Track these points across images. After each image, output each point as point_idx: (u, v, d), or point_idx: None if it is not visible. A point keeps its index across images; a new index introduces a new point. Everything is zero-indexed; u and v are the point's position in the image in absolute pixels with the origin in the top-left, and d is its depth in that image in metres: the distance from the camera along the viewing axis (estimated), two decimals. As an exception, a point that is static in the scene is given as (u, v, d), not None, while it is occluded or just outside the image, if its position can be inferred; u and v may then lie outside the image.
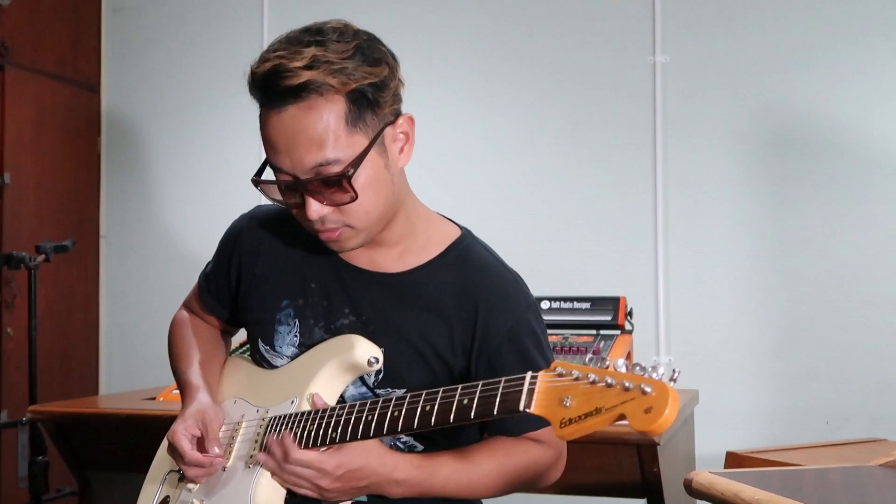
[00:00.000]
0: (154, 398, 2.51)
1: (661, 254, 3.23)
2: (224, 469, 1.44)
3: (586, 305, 2.76)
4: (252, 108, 1.36)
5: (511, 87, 3.43)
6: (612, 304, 2.75)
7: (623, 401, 1.02)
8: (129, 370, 3.84)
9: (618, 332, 2.71)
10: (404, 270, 1.45)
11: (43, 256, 2.93)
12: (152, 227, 3.87)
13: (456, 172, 3.39)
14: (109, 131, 3.98)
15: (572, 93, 3.36)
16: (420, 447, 1.45)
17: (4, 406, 3.41)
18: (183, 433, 1.43)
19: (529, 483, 1.44)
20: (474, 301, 1.41)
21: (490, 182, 3.42)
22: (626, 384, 1.03)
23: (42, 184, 3.65)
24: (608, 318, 2.73)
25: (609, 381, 1.04)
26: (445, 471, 1.37)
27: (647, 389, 1.01)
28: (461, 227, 1.51)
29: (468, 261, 1.45)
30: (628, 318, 2.77)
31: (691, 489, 1.29)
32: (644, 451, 1.95)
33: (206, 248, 3.95)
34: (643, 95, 3.28)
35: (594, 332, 2.72)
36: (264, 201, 1.48)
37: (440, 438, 1.45)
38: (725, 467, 2.22)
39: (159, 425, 2.16)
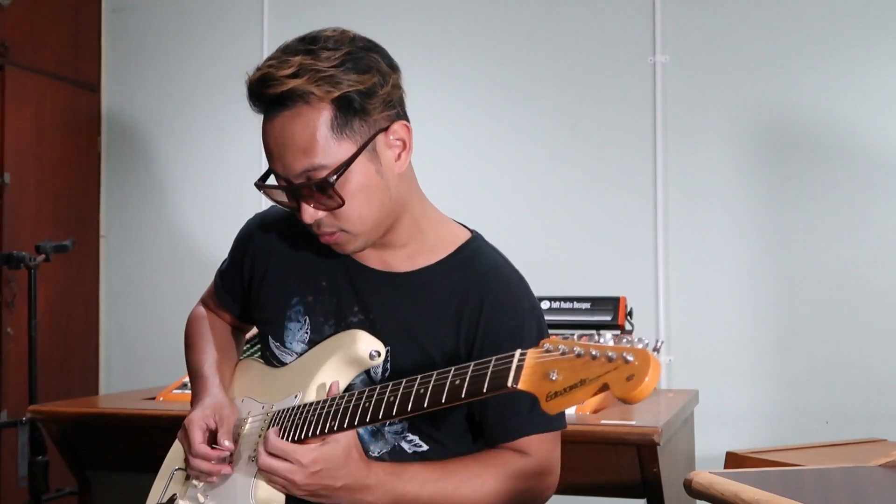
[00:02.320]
0: (154, 398, 2.51)
1: (661, 254, 3.23)
2: (230, 465, 1.45)
3: (586, 305, 2.77)
4: (251, 109, 1.37)
5: (511, 87, 3.43)
6: (612, 304, 2.75)
7: (606, 371, 1.04)
8: (129, 370, 3.84)
9: (618, 332, 2.72)
10: (413, 270, 1.46)
11: (43, 256, 2.93)
12: (152, 227, 3.87)
13: (455, 173, 3.39)
14: (109, 131, 3.98)
15: (572, 93, 3.36)
16: (425, 447, 1.45)
17: (4, 406, 3.41)
18: (198, 423, 1.44)
19: (515, 498, 1.41)
20: (480, 299, 1.43)
21: (490, 182, 3.43)
22: (610, 355, 1.04)
23: (42, 184, 3.65)
24: (608, 318, 2.73)
25: (594, 353, 1.06)
26: (418, 478, 1.37)
27: (630, 358, 1.03)
28: (471, 231, 1.53)
29: (476, 261, 1.47)
30: (628, 318, 2.77)
31: (691, 489, 1.29)
32: (644, 452, 1.95)
33: (206, 248, 3.98)
34: (643, 95, 3.28)
35: (594, 332, 2.72)
36: (265, 201, 1.49)
37: (443, 437, 1.46)
38: (725, 467, 2.22)
39: (159, 425, 2.17)
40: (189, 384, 2.52)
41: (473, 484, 1.39)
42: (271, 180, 1.39)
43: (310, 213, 1.35)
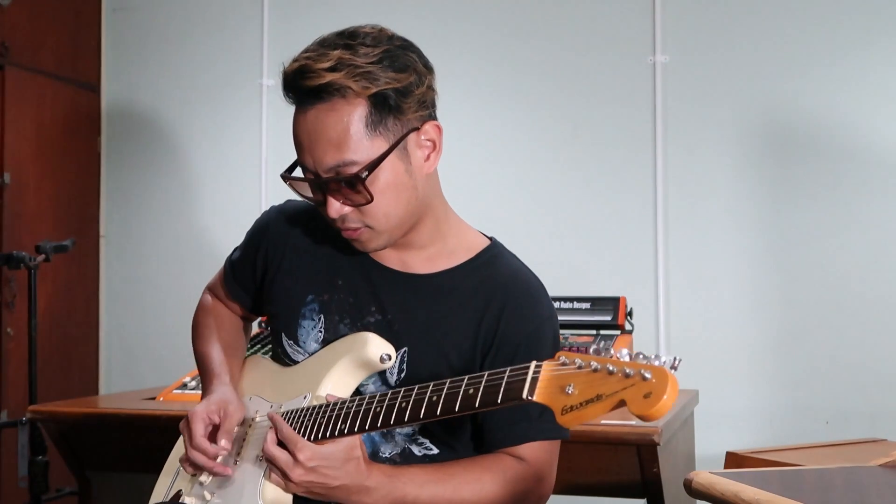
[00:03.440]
0: (154, 398, 2.51)
1: (661, 254, 3.23)
2: (236, 463, 1.45)
3: (586, 305, 2.77)
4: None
5: (510, 87, 3.43)
6: (612, 304, 2.75)
7: (624, 387, 1.04)
8: (129, 370, 3.84)
9: (618, 332, 2.72)
10: (432, 272, 1.46)
11: (43, 256, 2.93)
12: (152, 227, 3.87)
13: (454, 173, 3.38)
14: (109, 131, 3.98)
15: (572, 93, 3.36)
16: (435, 450, 1.45)
17: (4, 406, 3.41)
18: (202, 416, 1.44)
19: (513, 503, 1.41)
20: (501, 303, 1.43)
21: (489, 182, 3.42)
22: (628, 371, 1.04)
23: (42, 184, 3.65)
24: (608, 318, 2.73)
25: (611, 368, 1.06)
26: (417, 480, 1.37)
27: (647, 375, 1.03)
28: (490, 238, 1.54)
29: (497, 266, 1.48)
30: (628, 318, 2.77)
31: (691, 489, 1.29)
32: (644, 452, 1.95)
33: (206, 248, 3.97)
34: (643, 96, 3.28)
35: (594, 332, 2.73)
36: (265, 202, 1.50)
37: (453, 441, 1.46)
38: (725, 467, 2.22)
39: (159, 425, 2.17)
40: (187, 385, 2.53)
41: (473, 487, 1.39)
42: (297, 172, 1.39)
43: (336, 208, 1.35)
